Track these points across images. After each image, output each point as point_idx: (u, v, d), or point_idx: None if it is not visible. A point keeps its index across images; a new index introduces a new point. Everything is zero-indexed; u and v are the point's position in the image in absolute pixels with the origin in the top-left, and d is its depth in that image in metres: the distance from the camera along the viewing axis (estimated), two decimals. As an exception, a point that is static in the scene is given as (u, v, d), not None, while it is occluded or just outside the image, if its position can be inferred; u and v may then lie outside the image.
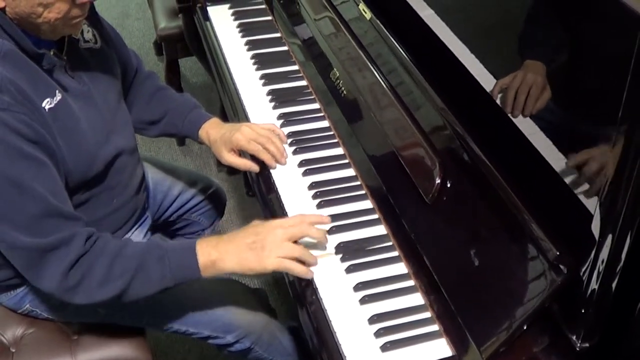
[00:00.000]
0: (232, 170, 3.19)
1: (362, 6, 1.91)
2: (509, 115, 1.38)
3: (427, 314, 1.45)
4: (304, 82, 2.09)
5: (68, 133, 1.54)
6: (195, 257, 1.56)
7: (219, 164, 3.25)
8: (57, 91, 1.53)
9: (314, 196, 1.71)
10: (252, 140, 1.78)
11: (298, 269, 1.53)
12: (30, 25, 1.48)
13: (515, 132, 1.36)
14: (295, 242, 1.56)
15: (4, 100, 1.41)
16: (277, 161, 1.79)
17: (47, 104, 1.49)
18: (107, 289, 1.53)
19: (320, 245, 1.59)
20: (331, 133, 1.90)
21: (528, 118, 1.34)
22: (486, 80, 1.45)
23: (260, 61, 2.18)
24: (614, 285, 1.19)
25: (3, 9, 1.45)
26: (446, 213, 1.50)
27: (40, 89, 1.49)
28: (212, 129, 1.86)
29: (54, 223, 1.48)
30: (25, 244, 1.47)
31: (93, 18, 1.72)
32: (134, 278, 1.54)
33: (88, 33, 1.70)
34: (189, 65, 3.92)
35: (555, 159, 1.27)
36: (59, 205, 1.49)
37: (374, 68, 1.82)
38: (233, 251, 1.56)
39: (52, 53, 1.54)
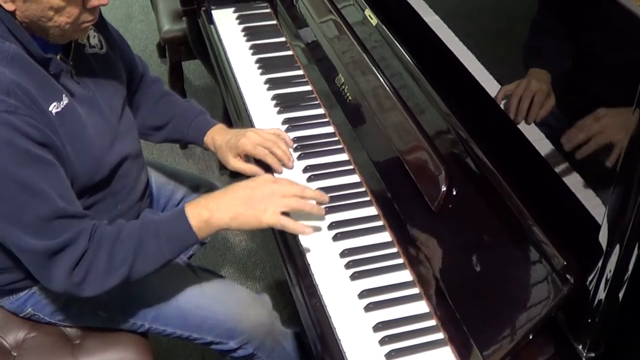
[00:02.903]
0: (234, 174, 3.17)
1: (368, 12, 1.91)
2: (514, 121, 1.38)
3: (432, 322, 1.44)
4: (308, 87, 2.09)
5: (74, 137, 1.54)
6: (187, 221, 1.57)
7: (222, 167, 3.25)
8: (63, 95, 1.53)
9: (319, 202, 1.70)
10: (258, 145, 1.78)
11: (294, 226, 1.56)
12: (39, 29, 1.48)
13: (521, 139, 1.36)
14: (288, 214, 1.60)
15: (11, 103, 1.40)
16: (284, 165, 1.79)
17: (54, 108, 1.49)
18: (112, 277, 1.54)
19: (316, 219, 1.63)
20: (336, 139, 1.90)
21: (534, 125, 1.34)
22: (491, 86, 1.45)
23: (265, 65, 2.17)
24: (620, 295, 1.19)
25: (13, 13, 1.45)
26: (452, 220, 1.49)
27: (47, 93, 1.49)
28: (218, 135, 1.86)
29: (61, 224, 1.48)
30: (34, 247, 1.47)
31: (99, 23, 1.72)
32: (135, 259, 1.54)
33: (94, 38, 1.70)
34: (192, 68, 3.92)
35: (562, 167, 1.27)
36: (67, 207, 1.49)
37: (378, 73, 1.82)
38: (226, 206, 1.57)
39: (58, 58, 1.54)
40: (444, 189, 1.52)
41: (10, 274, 1.68)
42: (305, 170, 1.80)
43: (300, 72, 2.16)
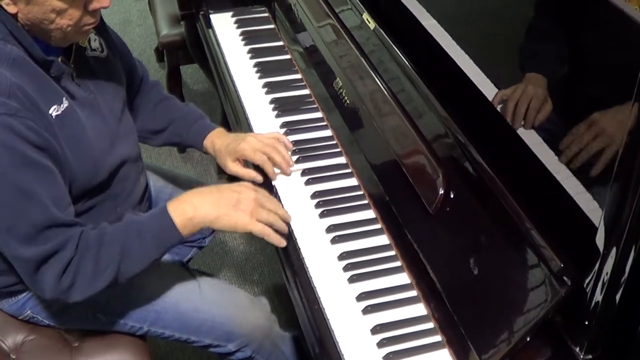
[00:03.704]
0: (232, 178, 3.18)
1: (365, 16, 1.91)
2: (512, 125, 1.38)
3: (430, 325, 1.45)
4: (306, 91, 2.10)
5: (74, 140, 1.54)
6: (171, 219, 1.58)
7: (220, 171, 3.25)
8: (64, 98, 1.53)
9: (317, 205, 1.71)
10: (257, 151, 1.79)
11: (274, 238, 1.61)
12: (41, 32, 1.49)
13: (518, 142, 1.36)
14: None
15: (12, 105, 1.41)
16: (282, 172, 1.80)
17: (54, 111, 1.50)
18: (99, 280, 1.55)
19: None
20: (334, 142, 1.90)
21: (531, 128, 1.34)
22: (489, 89, 1.45)
23: (263, 69, 2.18)
24: (617, 297, 1.19)
25: (14, 15, 1.45)
26: (449, 224, 1.50)
27: (47, 96, 1.49)
28: (217, 139, 1.86)
29: (52, 232, 1.49)
30: (23, 255, 1.48)
31: (100, 26, 1.72)
32: (121, 261, 1.55)
33: (95, 42, 1.70)
34: (190, 72, 3.92)
35: (559, 171, 1.27)
36: (60, 215, 1.50)
37: (376, 76, 1.82)
38: (210, 205, 1.60)
39: (60, 60, 1.54)
40: (441, 192, 1.52)
41: (8, 276, 1.68)
42: (304, 173, 1.80)
43: (299, 76, 2.16)
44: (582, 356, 1.27)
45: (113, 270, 1.55)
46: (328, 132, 1.94)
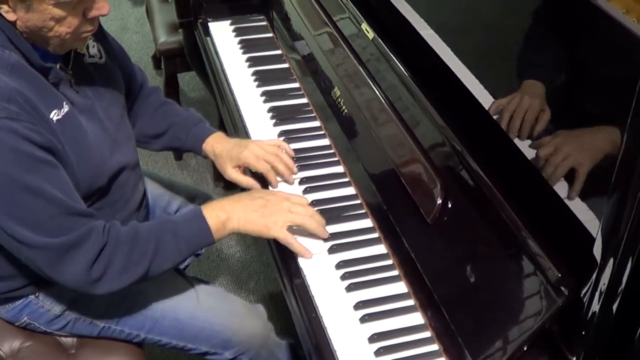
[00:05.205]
0: (229, 185, 3.19)
1: (364, 25, 1.92)
2: (509, 134, 1.39)
3: (427, 334, 1.45)
4: (304, 100, 2.10)
5: (76, 144, 1.54)
6: (206, 222, 1.61)
7: (216, 178, 3.25)
8: (64, 103, 1.54)
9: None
10: (260, 159, 1.79)
11: (298, 246, 1.61)
12: (40, 39, 1.49)
13: (515, 151, 1.37)
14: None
15: (12, 110, 1.41)
16: (285, 180, 1.80)
17: (54, 115, 1.50)
18: (129, 275, 1.56)
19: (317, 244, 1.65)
20: (331, 151, 1.91)
21: (528, 138, 1.35)
22: (486, 99, 1.46)
23: (261, 78, 2.19)
24: (614, 307, 1.20)
25: (13, 23, 1.46)
26: (447, 233, 1.50)
27: (47, 101, 1.50)
28: (218, 143, 1.87)
29: (71, 221, 1.49)
30: (46, 244, 1.48)
31: (99, 33, 1.72)
32: (153, 258, 1.57)
33: (93, 48, 1.71)
34: (187, 80, 3.93)
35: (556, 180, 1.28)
36: (74, 205, 1.50)
37: (374, 86, 1.83)
38: (240, 212, 1.63)
39: (58, 67, 1.55)
40: (439, 201, 1.52)
41: (6, 282, 1.68)
42: (301, 182, 1.81)
43: (296, 84, 2.17)
44: (578, 366, 1.28)
45: (145, 265, 1.56)
46: (326, 141, 1.95)
